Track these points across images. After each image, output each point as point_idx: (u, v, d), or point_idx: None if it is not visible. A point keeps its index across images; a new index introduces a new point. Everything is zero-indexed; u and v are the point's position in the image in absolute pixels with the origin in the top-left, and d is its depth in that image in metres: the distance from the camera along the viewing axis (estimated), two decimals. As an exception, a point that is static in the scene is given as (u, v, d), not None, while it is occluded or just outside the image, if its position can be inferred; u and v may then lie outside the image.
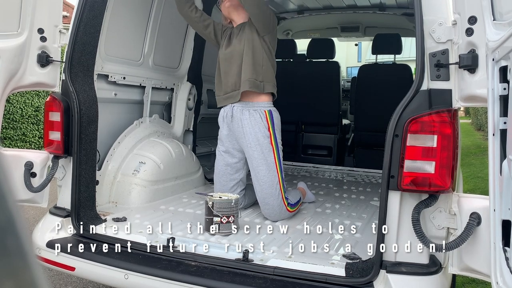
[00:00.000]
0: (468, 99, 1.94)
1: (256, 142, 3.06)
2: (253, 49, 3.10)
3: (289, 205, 3.08)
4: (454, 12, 1.94)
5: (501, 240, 1.54)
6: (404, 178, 2.02)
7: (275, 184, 3.04)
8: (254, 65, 3.08)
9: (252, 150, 3.08)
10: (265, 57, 3.12)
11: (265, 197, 3.02)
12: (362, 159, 5.36)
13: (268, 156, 3.05)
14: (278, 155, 3.08)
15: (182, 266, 2.30)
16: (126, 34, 3.51)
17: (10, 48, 2.62)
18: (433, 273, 2.03)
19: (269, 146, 3.06)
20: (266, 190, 3.03)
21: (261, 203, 3.04)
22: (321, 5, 5.40)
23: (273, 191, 3.02)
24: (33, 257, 0.43)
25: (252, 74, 3.07)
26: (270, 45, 3.18)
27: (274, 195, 3.01)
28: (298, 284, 2.12)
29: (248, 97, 3.12)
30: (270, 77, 3.15)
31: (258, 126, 3.07)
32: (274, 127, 3.09)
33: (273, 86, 3.17)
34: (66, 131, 2.75)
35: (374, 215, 3.14)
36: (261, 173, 3.06)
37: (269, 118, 3.09)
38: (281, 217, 3.07)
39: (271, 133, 3.07)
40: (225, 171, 3.27)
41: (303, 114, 5.46)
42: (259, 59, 3.10)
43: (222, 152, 3.29)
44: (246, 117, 3.10)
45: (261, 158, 3.06)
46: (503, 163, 1.55)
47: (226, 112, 3.21)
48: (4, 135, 8.56)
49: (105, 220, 2.85)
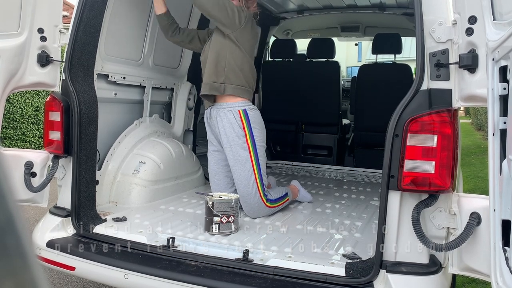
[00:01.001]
0: (468, 99, 1.94)
1: (228, 143, 3.10)
2: (217, 51, 3.09)
3: (268, 201, 3.09)
4: (454, 11, 1.94)
5: (501, 240, 1.54)
6: (404, 178, 2.02)
7: (251, 182, 3.05)
8: (216, 67, 3.08)
9: (227, 150, 3.13)
10: (231, 57, 3.07)
11: (242, 195, 3.03)
12: (362, 159, 5.36)
13: (242, 155, 3.06)
14: (256, 153, 3.08)
15: (182, 266, 2.30)
16: (126, 33, 3.51)
17: (10, 48, 2.62)
18: (433, 273, 2.03)
19: (244, 145, 3.06)
20: (242, 189, 3.06)
21: (240, 201, 3.01)
22: (321, 4, 5.40)
23: (249, 189, 3.04)
24: (33, 257, 0.43)
25: (211, 77, 3.09)
26: (239, 43, 3.08)
27: (250, 194, 3.03)
28: (298, 284, 2.12)
29: (221, 99, 3.16)
30: (234, 78, 3.09)
31: (232, 126, 3.08)
32: (250, 125, 3.08)
33: (237, 88, 3.10)
34: (66, 131, 2.75)
35: (374, 215, 3.14)
36: (236, 173, 3.10)
37: (244, 117, 3.08)
38: (260, 214, 3.09)
39: (247, 132, 3.07)
40: (217, 170, 3.31)
41: (303, 114, 5.46)
42: (222, 61, 3.07)
43: (213, 151, 3.35)
44: (220, 118, 3.14)
45: (234, 158, 3.09)
46: (503, 163, 1.55)
47: (206, 114, 3.29)
48: (4, 135, 8.56)
49: (105, 220, 2.85)
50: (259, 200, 3.04)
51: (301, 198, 3.58)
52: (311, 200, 3.61)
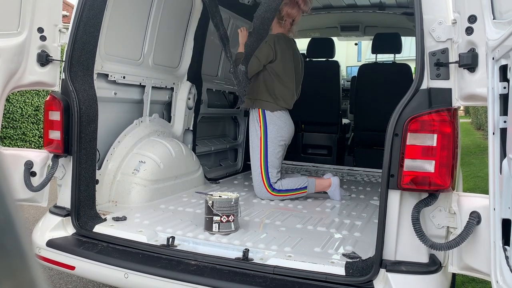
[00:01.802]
0: (468, 98, 1.94)
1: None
2: (256, 75, 3.78)
3: (270, 187, 3.68)
4: (454, 11, 1.94)
5: (501, 239, 1.54)
6: (404, 177, 2.02)
7: (257, 167, 3.77)
8: (252, 86, 3.79)
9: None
10: (262, 80, 3.78)
11: (252, 175, 3.81)
12: (362, 158, 5.37)
13: (256, 146, 3.80)
14: (265, 146, 3.75)
15: (182, 265, 2.30)
16: (126, 33, 3.51)
17: (10, 47, 2.62)
18: (433, 272, 2.03)
19: (258, 138, 3.78)
20: (253, 171, 3.82)
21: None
22: (321, 4, 5.39)
23: (255, 172, 3.79)
24: (32, 257, 0.43)
25: (249, 94, 3.80)
26: (273, 70, 3.76)
27: (255, 176, 3.78)
28: (298, 283, 2.12)
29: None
30: (262, 95, 3.77)
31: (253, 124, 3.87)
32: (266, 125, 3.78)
33: (265, 102, 3.78)
34: (66, 130, 2.75)
35: (374, 214, 3.14)
36: (251, 158, 3.85)
37: (262, 118, 3.80)
38: (261, 195, 3.73)
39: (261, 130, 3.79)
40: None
41: (303, 113, 5.46)
42: (257, 82, 3.79)
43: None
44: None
45: (250, 147, 3.87)
46: (503, 162, 1.55)
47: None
48: (4, 135, 8.55)
49: (105, 219, 2.85)
50: (261, 183, 3.71)
51: (331, 194, 3.73)
52: (339, 200, 3.68)
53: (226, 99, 5.28)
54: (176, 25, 4.05)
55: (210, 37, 4.46)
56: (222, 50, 4.84)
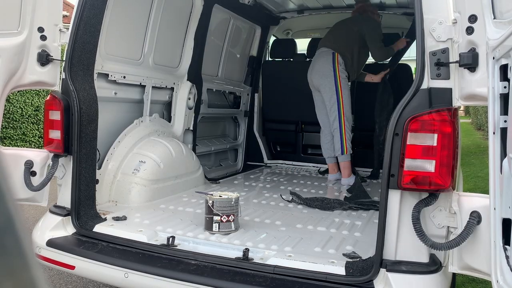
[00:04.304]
0: (469, 98, 1.94)
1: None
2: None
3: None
4: (454, 10, 1.94)
5: (501, 239, 1.54)
6: (404, 177, 2.01)
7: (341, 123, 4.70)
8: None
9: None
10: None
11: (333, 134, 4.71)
12: (362, 158, 5.36)
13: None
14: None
15: (182, 265, 2.30)
16: (126, 33, 3.51)
17: (10, 46, 2.61)
18: (433, 272, 2.02)
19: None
20: (334, 129, 4.74)
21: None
22: (321, 4, 5.40)
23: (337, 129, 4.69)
24: (32, 257, 0.43)
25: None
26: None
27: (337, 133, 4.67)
28: (298, 283, 2.12)
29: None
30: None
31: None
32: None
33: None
34: (66, 130, 2.74)
35: (374, 214, 3.14)
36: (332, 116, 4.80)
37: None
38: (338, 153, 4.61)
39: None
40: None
41: (303, 113, 5.46)
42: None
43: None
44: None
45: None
46: (504, 162, 1.55)
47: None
48: (4, 135, 8.55)
49: (105, 219, 2.85)
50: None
51: (343, 182, 4.46)
52: (349, 184, 4.28)
53: (226, 99, 5.28)
54: (176, 25, 4.05)
55: (210, 37, 4.46)
56: (222, 50, 4.85)
